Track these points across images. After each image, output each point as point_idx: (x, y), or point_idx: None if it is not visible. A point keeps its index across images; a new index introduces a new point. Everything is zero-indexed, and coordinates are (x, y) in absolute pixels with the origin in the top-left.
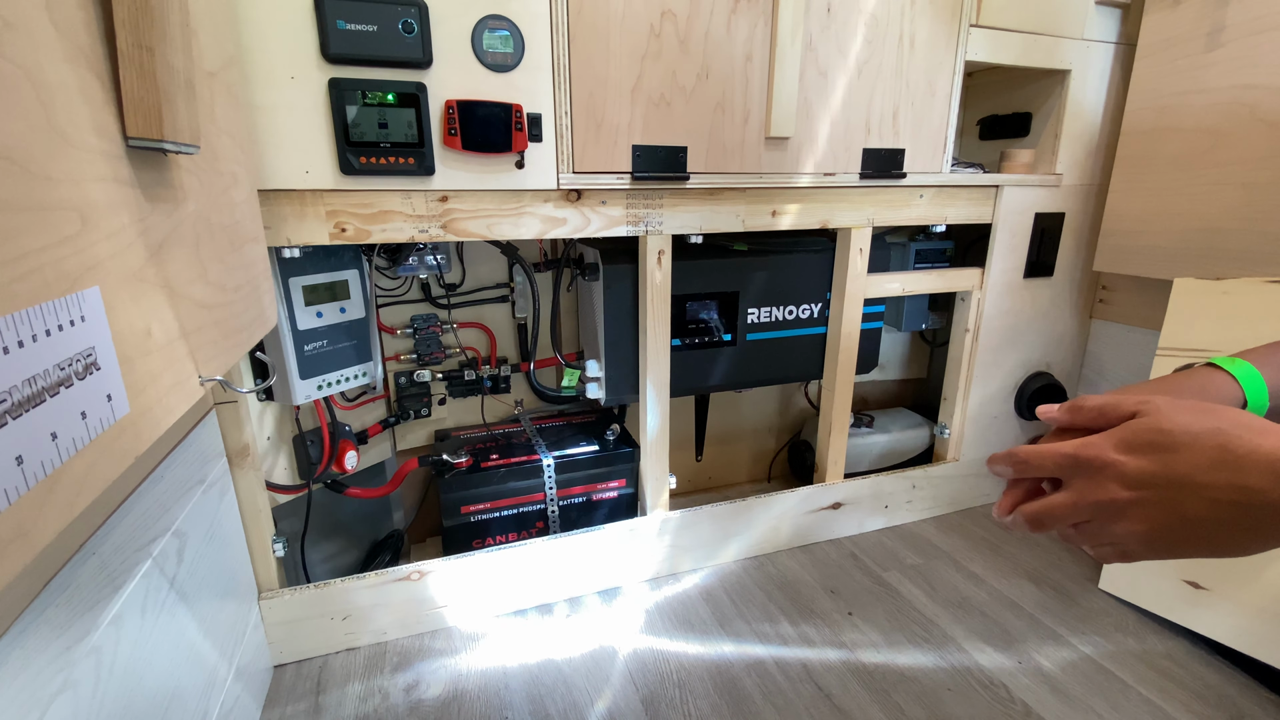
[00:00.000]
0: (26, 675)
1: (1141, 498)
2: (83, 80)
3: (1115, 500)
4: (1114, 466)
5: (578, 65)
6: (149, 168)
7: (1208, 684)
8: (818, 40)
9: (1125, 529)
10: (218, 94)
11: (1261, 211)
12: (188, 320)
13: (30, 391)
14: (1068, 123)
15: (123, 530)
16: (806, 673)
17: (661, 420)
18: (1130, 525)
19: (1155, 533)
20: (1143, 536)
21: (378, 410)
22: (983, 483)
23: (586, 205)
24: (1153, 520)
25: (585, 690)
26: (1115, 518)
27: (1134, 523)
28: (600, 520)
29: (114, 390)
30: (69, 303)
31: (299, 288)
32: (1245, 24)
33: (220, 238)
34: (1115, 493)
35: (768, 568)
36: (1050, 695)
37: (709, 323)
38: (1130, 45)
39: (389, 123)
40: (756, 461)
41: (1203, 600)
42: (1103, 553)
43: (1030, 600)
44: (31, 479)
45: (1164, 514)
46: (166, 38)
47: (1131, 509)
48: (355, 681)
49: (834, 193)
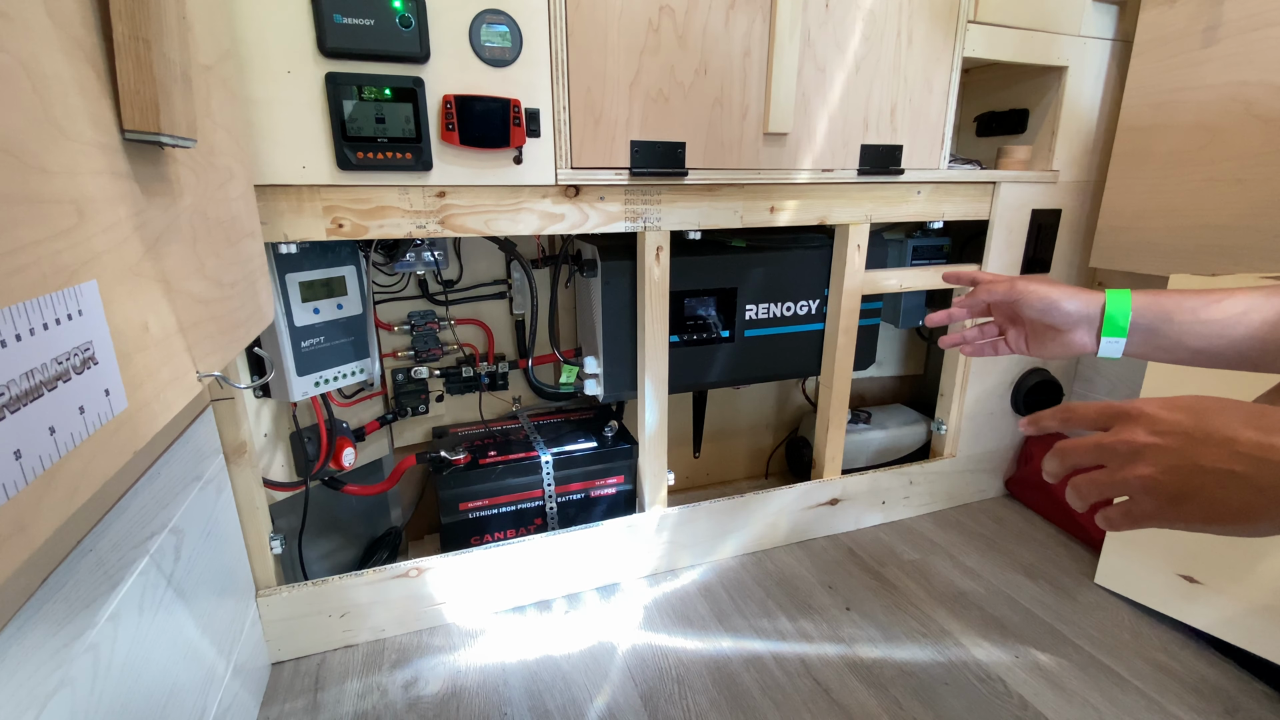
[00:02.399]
0: (24, 672)
1: (1162, 443)
2: (79, 72)
3: (1135, 441)
4: (1149, 415)
5: (576, 60)
6: (145, 161)
7: (1202, 677)
8: (816, 36)
9: (1137, 473)
10: (214, 88)
11: (1256, 208)
12: (185, 315)
13: (28, 386)
14: (1064, 119)
15: (120, 527)
16: (804, 667)
17: (660, 417)
18: (1143, 469)
19: (1164, 478)
20: (1150, 482)
21: (375, 407)
22: (979, 478)
23: (585, 201)
24: (1165, 464)
25: (584, 686)
26: (1131, 460)
27: (1147, 465)
28: (598, 517)
29: (111, 385)
30: (66, 296)
31: (296, 284)
32: (1241, 20)
33: (217, 233)
34: (1139, 435)
35: (766, 564)
36: (1047, 689)
37: (707, 319)
38: (1126, 42)
39: (386, 118)
40: (754, 458)
41: (1197, 594)
42: (1110, 515)
43: (1026, 595)
44: (30, 474)
45: (1178, 459)
46: (163, 30)
47: (1148, 451)
48: (353, 678)
49: (832, 189)
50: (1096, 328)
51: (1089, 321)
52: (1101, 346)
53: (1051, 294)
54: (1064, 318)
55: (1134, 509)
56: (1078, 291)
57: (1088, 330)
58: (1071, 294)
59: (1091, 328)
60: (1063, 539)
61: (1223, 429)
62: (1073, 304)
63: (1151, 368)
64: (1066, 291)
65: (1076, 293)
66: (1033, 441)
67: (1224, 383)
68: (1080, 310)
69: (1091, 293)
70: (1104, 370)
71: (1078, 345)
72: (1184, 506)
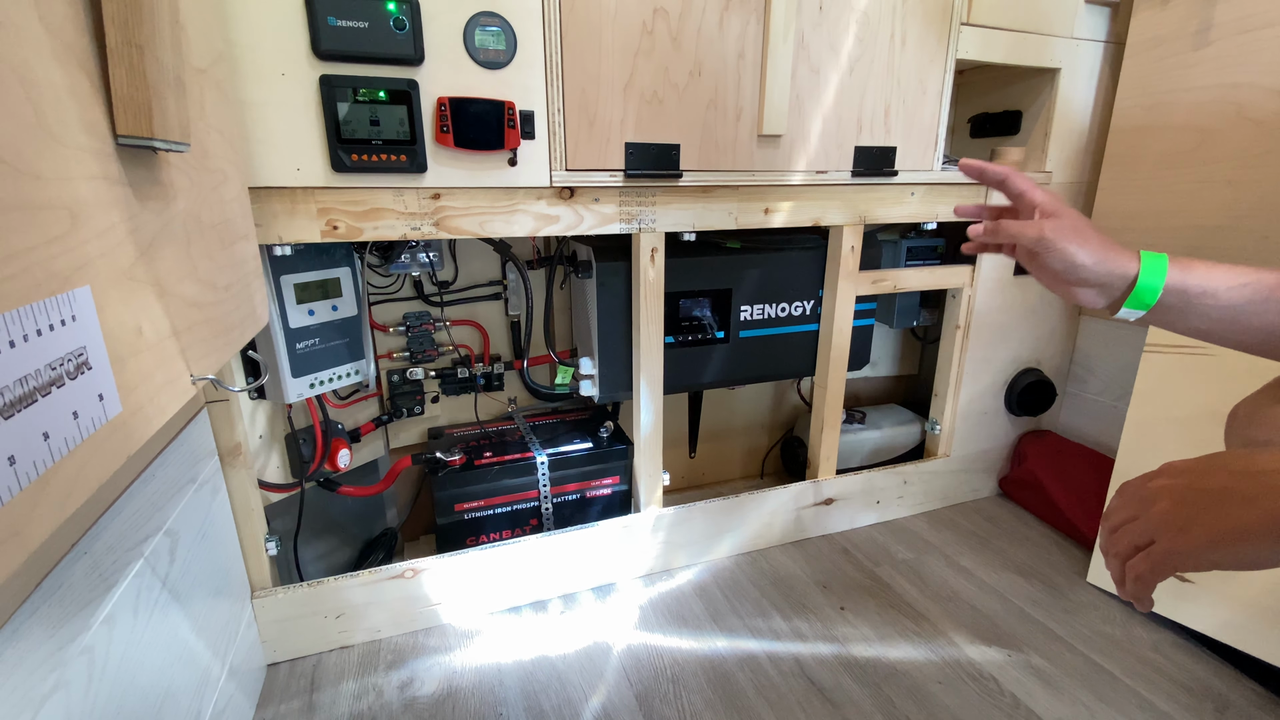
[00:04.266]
0: (19, 675)
1: (1175, 482)
2: (72, 78)
3: (1156, 485)
4: (1170, 464)
5: (570, 62)
6: (139, 165)
7: (1193, 675)
8: (810, 38)
9: (1155, 509)
10: (208, 91)
11: (1248, 209)
12: (179, 319)
13: (22, 391)
14: (1057, 121)
15: (115, 529)
16: (799, 667)
17: (655, 417)
18: (1160, 505)
19: (1175, 509)
20: (1165, 515)
21: (370, 408)
22: (973, 478)
23: (579, 203)
24: (1176, 497)
25: (580, 686)
26: (1151, 501)
27: (1163, 501)
28: (594, 517)
29: (105, 389)
30: (59, 302)
31: (290, 286)
32: (1233, 23)
33: (211, 236)
34: (1160, 481)
35: (761, 563)
36: (1039, 687)
37: (702, 320)
38: (1119, 44)
39: (381, 120)
40: (749, 458)
41: (1189, 593)
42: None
43: (1019, 594)
44: (24, 479)
45: (1187, 492)
46: (156, 35)
47: (1165, 490)
48: (349, 679)
49: (826, 190)
50: (1117, 296)
51: (1109, 290)
52: (1120, 313)
53: (1077, 257)
54: (1082, 282)
55: (1154, 550)
56: (1105, 254)
57: (1103, 295)
58: (1098, 257)
59: (1109, 294)
60: (1055, 538)
61: (1222, 458)
62: (1097, 270)
63: (1144, 370)
64: (1094, 254)
65: (1104, 257)
66: (1026, 442)
67: (1226, 383)
68: (1104, 279)
69: (1120, 256)
70: (1096, 369)
71: (1088, 303)
72: (1191, 532)
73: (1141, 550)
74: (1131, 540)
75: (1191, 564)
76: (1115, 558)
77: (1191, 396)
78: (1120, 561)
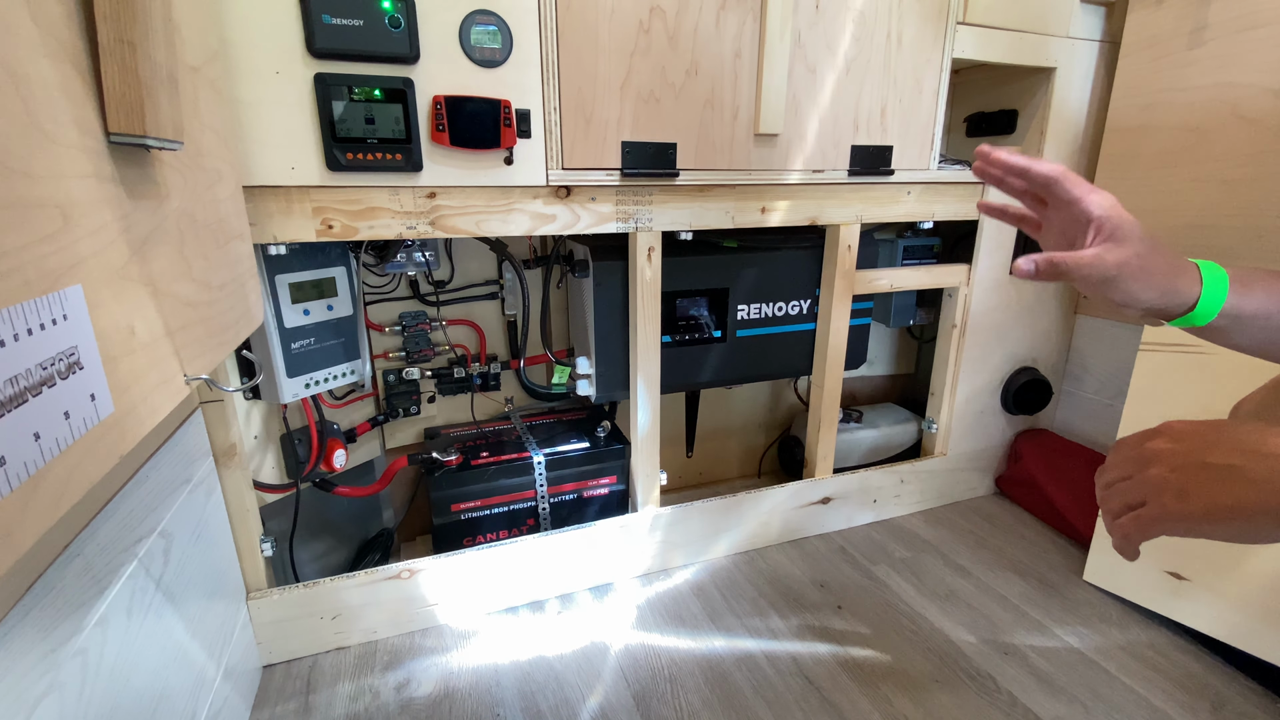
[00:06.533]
0: (12, 678)
1: (1176, 447)
2: (63, 75)
3: (1155, 448)
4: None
5: (566, 61)
6: (132, 164)
7: (1189, 673)
8: (806, 37)
9: (1151, 472)
10: (201, 89)
11: (1242, 208)
12: (172, 318)
13: (12, 391)
14: (1053, 120)
15: (108, 531)
16: (796, 666)
17: (652, 417)
18: (1156, 469)
19: (1172, 475)
20: (1160, 480)
21: (366, 408)
22: (970, 476)
23: (576, 202)
24: (1175, 463)
25: (577, 686)
26: (1148, 463)
27: (1160, 465)
28: (591, 517)
29: (97, 390)
30: (50, 301)
31: (285, 285)
32: (1227, 22)
33: (205, 235)
34: (1159, 443)
35: (758, 562)
36: (1036, 685)
37: (699, 319)
38: (1114, 43)
39: (376, 118)
40: (747, 457)
41: (1184, 591)
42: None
43: (1016, 592)
44: (14, 480)
45: (1186, 459)
46: (149, 32)
47: (1163, 454)
48: (345, 681)
49: (822, 189)
50: (1168, 317)
51: (1163, 314)
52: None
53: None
54: (1137, 311)
55: (1144, 512)
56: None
57: (1146, 316)
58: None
59: (1161, 316)
60: (1052, 536)
61: (1232, 431)
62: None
63: (1140, 369)
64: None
65: (1169, 288)
66: (1022, 440)
67: (1222, 382)
68: (1162, 310)
69: (1182, 280)
70: (1092, 368)
71: (1125, 317)
72: (1187, 501)
73: (1133, 509)
74: (1123, 499)
75: (1181, 530)
76: (1107, 513)
77: (1187, 394)
78: (1111, 518)
